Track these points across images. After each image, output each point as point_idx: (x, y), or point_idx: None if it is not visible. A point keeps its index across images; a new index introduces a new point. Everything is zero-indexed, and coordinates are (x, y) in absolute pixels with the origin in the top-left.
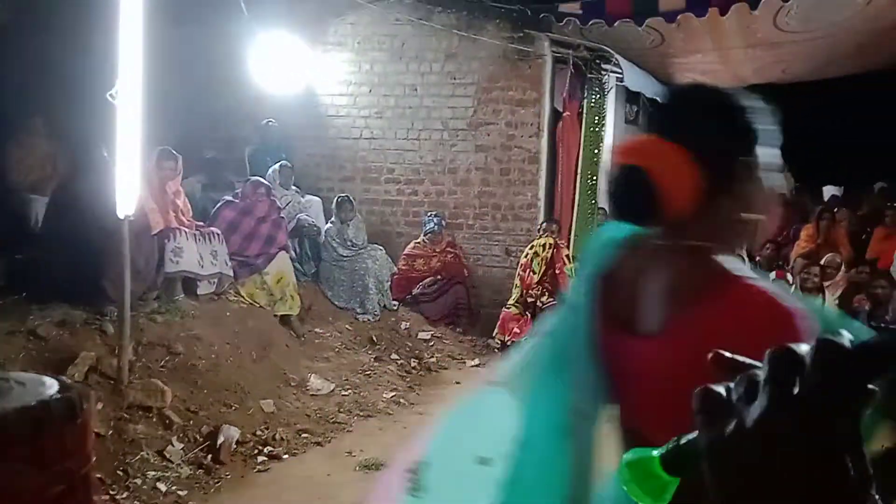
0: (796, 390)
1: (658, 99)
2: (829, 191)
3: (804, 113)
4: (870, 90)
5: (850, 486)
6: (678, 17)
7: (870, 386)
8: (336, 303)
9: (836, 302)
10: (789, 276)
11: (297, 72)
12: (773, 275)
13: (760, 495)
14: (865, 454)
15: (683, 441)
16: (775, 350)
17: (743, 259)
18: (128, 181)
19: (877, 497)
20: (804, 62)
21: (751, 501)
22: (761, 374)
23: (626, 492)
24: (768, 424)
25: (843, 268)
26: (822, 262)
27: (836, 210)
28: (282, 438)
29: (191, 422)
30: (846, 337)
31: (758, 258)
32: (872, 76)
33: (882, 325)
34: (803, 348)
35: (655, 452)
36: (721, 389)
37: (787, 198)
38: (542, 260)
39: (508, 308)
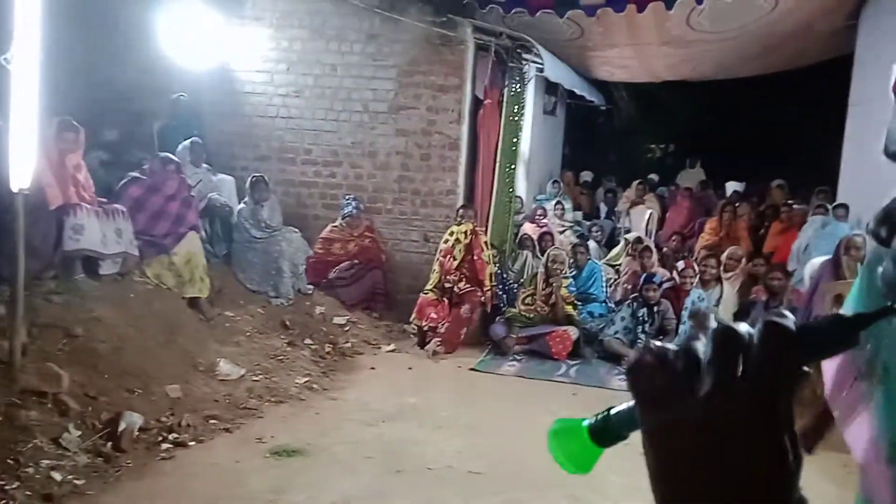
0: (739, 370)
1: (575, 90)
2: (731, 186)
3: (711, 110)
4: (773, 91)
5: (789, 467)
6: (598, 11)
7: (805, 368)
8: (248, 286)
9: (736, 293)
10: (695, 267)
11: (212, 45)
12: (681, 264)
13: (702, 474)
14: (796, 435)
15: (613, 413)
16: (718, 330)
17: (651, 250)
18: (23, 152)
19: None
20: (713, 62)
21: (692, 480)
22: (704, 355)
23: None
24: (712, 405)
25: (743, 260)
26: (724, 254)
27: (737, 205)
28: (188, 425)
29: (90, 408)
30: (790, 318)
31: (664, 249)
32: (775, 78)
33: None
34: (743, 328)
35: (585, 423)
36: (666, 371)
37: (694, 192)
38: (462, 246)
39: (426, 293)
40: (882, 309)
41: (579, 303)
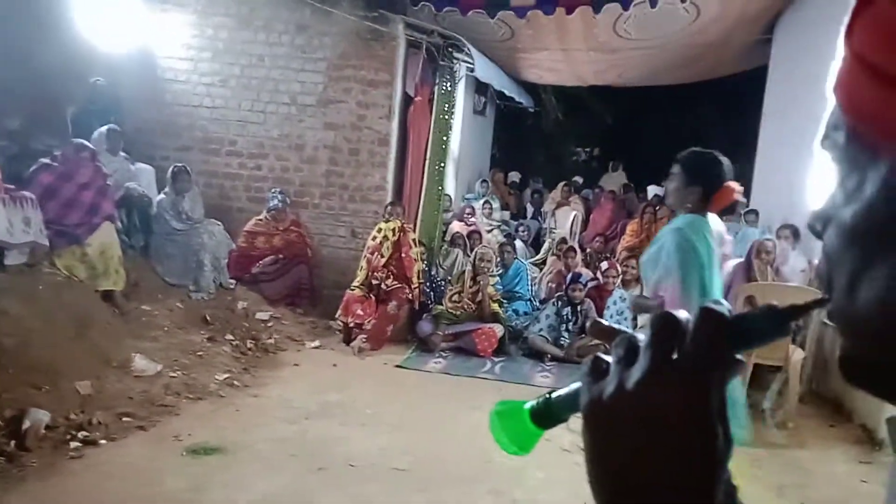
0: (675, 356)
1: (505, 91)
2: (653, 190)
3: (635, 116)
4: (693, 99)
5: (718, 452)
6: (528, 14)
7: (738, 356)
8: (167, 279)
9: None
10: (618, 267)
11: (132, 29)
12: (605, 265)
13: (634, 456)
14: (728, 419)
15: (554, 396)
16: (657, 315)
17: (575, 251)
18: None
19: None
20: (638, 69)
21: (624, 461)
22: (642, 339)
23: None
24: (647, 387)
25: None
26: (643, 255)
27: (657, 207)
28: (99, 423)
29: None
30: (725, 306)
31: (588, 249)
32: (696, 87)
33: None
34: (683, 314)
35: (526, 405)
36: (609, 357)
37: (617, 195)
38: (390, 243)
39: (353, 290)
40: (813, 300)
41: (505, 301)
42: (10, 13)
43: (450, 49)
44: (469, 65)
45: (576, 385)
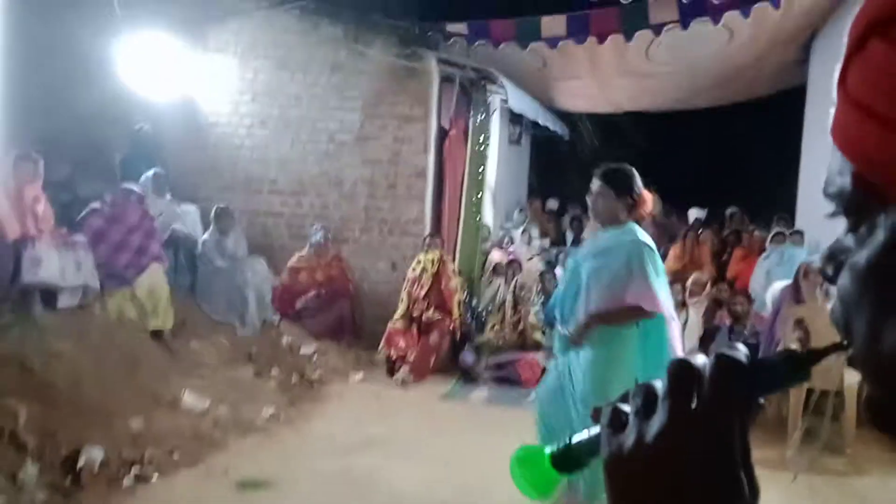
0: (694, 404)
1: (539, 121)
2: (693, 213)
3: (672, 140)
4: (732, 120)
5: (744, 498)
6: (559, 44)
7: (760, 400)
8: (213, 316)
9: (700, 318)
10: None
11: (174, 76)
12: None
13: None
14: (753, 466)
15: (574, 441)
16: (674, 363)
17: None
18: None
19: None
20: (672, 92)
21: None
22: (660, 389)
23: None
24: (668, 439)
25: (707, 286)
26: (688, 280)
27: (700, 231)
28: (151, 459)
29: (48, 443)
30: (742, 352)
31: None
32: (730, 109)
33: (743, 340)
34: (700, 361)
35: (547, 450)
36: (627, 407)
37: (657, 219)
38: (430, 275)
39: (394, 322)
40: (832, 345)
41: (548, 329)
42: (55, 64)
43: (483, 81)
44: (502, 96)
45: (595, 430)
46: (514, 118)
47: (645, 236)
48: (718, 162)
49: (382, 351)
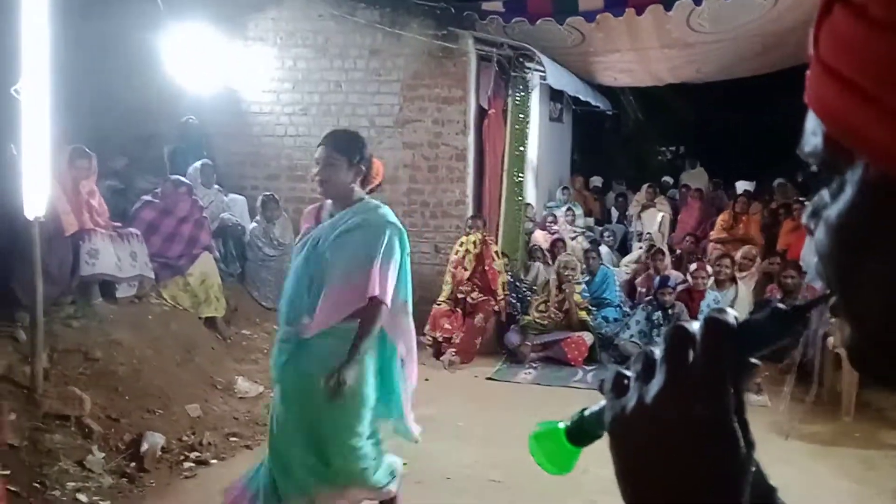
0: (687, 366)
1: (580, 96)
2: (741, 185)
3: (717, 111)
4: (778, 88)
5: (741, 457)
6: (597, 17)
7: (752, 360)
8: (263, 303)
9: (751, 292)
10: (709, 268)
11: (217, 67)
12: (693, 266)
13: (659, 466)
14: (748, 423)
15: (587, 413)
16: (670, 329)
17: (663, 253)
18: (36, 180)
19: (757, 461)
20: (715, 62)
21: (651, 472)
22: (657, 353)
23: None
24: (666, 398)
25: (757, 259)
26: (738, 254)
27: (749, 203)
28: (209, 443)
29: (112, 430)
30: (731, 314)
31: (678, 251)
32: (775, 77)
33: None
34: (695, 325)
35: (561, 425)
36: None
37: (704, 193)
38: (472, 256)
39: (439, 305)
40: (815, 298)
41: (593, 308)
42: (106, 61)
43: (521, 59)
44: (541, 73)
45: (605, 401)
46: (555, 95)
47: (392, 216)
48: (765, 132)
49: (428, 333)
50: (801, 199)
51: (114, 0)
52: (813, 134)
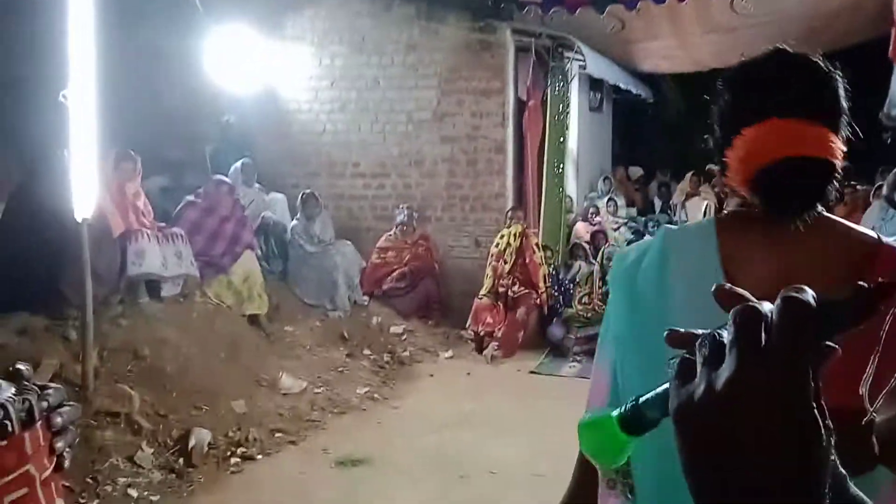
0: (761, 348)
1: (621, 85)
2: None
3: None
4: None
5: (823, 446)
6: (638, 4)
7: (829, 343)
8: (305, 300)
9: None
10: None
11: (256, 67)
12: None
13: (734, 458)
14: (825, 409)
15: (642, 401)
16: (738, 310)
17: None
18: (84, 183)
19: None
20: (760, 46)
21: (723, 461)
22: (726, 336)
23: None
24: (739, 384)
25: None
26: None
27: None
28: (255, 439)
29: (160, 426)
30: (809, 292)
31: None
32: (826, 59)
33: None
34: (766, 306)
35: (614, 413)
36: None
37: None
38: (513, 249)
39: (480, 299)
40: None
41: None
42: (147, 64)
43: (560, 49)
44: (581, 62)
45: (663, 387)
46: (595, 84)
47: None
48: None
49: (470, 327)
50: (852, 183)
51: (154, 5)
52: None
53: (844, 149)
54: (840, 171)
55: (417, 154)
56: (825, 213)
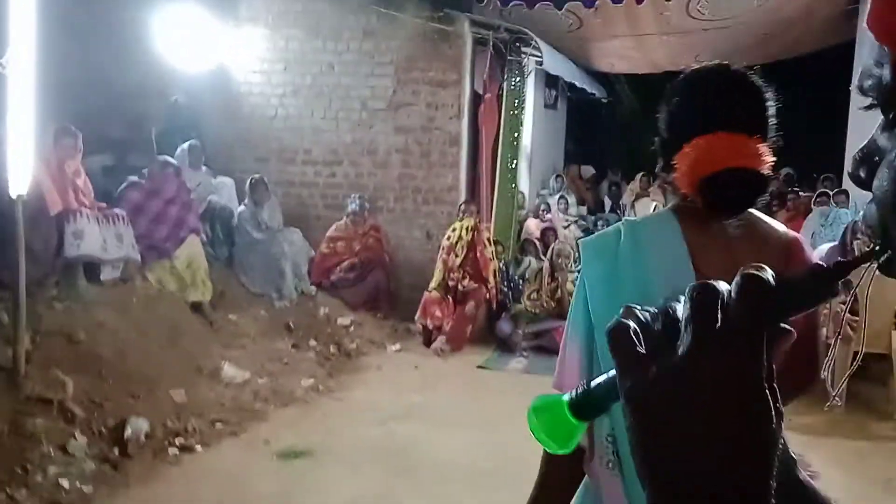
0: (718, 326)
1: (576, 83)
2: None
3: None
4: (774, 79)
5: (773, 425)
6: (596, 3)
7: (784, 326)
8: (251, 288)
9: None
10: None
11: (207, 47)
12: None
13: (685, 433)
14: (777, 389)
15: (594, 385)
16: (695, 287)
17: None
18: (20, 158)
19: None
20: (714, 50)
21: (675, 441)
22: (681, 313)
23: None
24: (694, 361)
25: None
26: None
27: None
28: (194, 429)
29: (95, 414)
30: (769, 271)
31: None
32: (773, 67)
33: None
34: (722, 285)
35: (564, 397)
36: (645, 331)
37: None
38: (464, 243)
39: (430, 292)
40: (862, 255)
41: None
42: (95, 39)
43: (517, 44)
44: (538, 58)
45: (614, 372)
46: (550, 81)
47: None
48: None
49: (419, 320)
50: (795, 189)
51: None
52: (877, 65)
53: (774, 159)
54: (770, 180)
55: (371, 143)
56: (752, 211)
